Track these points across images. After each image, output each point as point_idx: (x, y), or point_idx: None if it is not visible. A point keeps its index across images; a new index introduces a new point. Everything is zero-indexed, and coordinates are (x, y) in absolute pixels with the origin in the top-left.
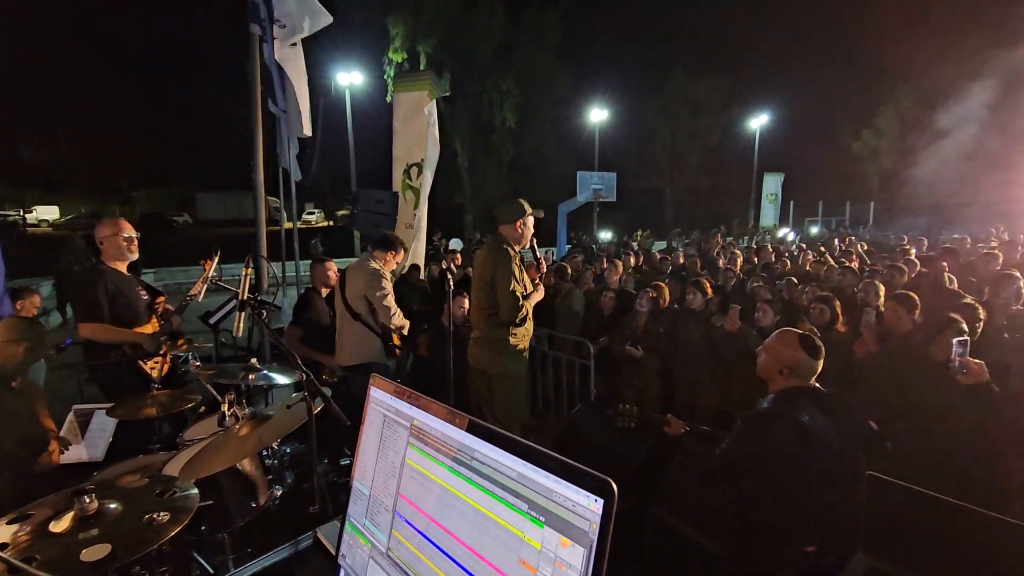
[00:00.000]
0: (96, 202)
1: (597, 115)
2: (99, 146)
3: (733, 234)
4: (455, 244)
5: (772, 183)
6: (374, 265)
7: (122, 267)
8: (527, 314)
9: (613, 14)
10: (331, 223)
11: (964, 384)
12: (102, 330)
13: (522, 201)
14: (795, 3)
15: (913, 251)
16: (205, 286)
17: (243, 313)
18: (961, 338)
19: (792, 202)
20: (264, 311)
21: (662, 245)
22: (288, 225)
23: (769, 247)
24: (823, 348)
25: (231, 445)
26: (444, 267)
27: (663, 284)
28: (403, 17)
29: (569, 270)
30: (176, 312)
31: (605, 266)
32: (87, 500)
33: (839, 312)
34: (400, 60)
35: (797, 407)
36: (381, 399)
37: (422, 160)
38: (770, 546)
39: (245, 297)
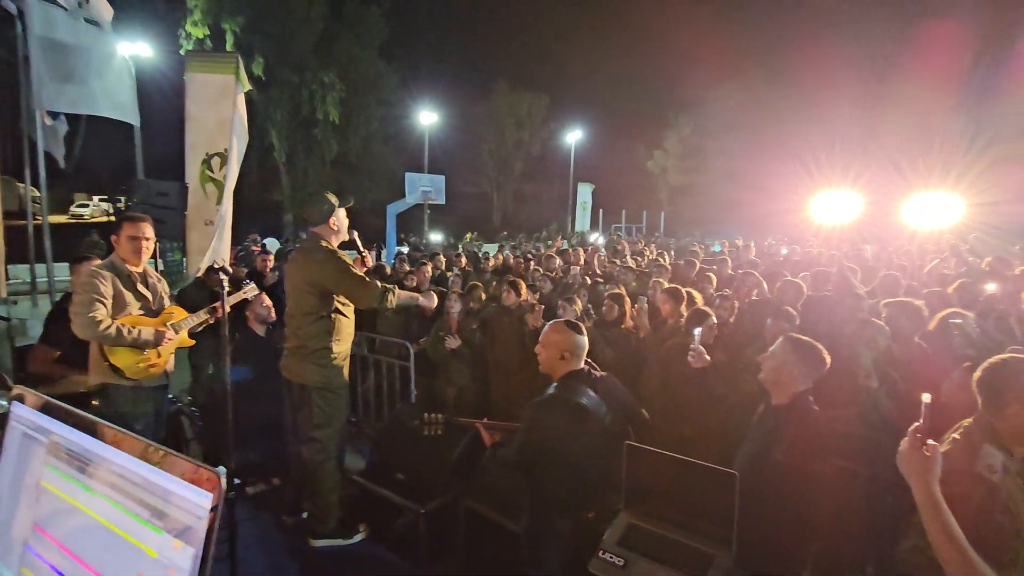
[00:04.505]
0: None
1: (427, 118)
2: None
3: (552, 238)
4: (271, 244)
5: (585, 192)
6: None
7: None
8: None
9: (439, 21)
10: (111, 218)
11: (695, 368)
12: None
13: (328, 195)
14: (601, 36)
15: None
16: None
17: None
18: (697, 328)
19: (601, 210)
20: None
21: (494, 248)
22: (39, 220)
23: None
24: (582, 325)
25: None
26: (218, 267)
27: (479, 284)
28: None
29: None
30: None
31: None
32: None
33: (627, 309)
34: (201, 36)
35: (576, 391)
36: (22, 415)
37: (225, 150)
38: (557, 518)
39: None
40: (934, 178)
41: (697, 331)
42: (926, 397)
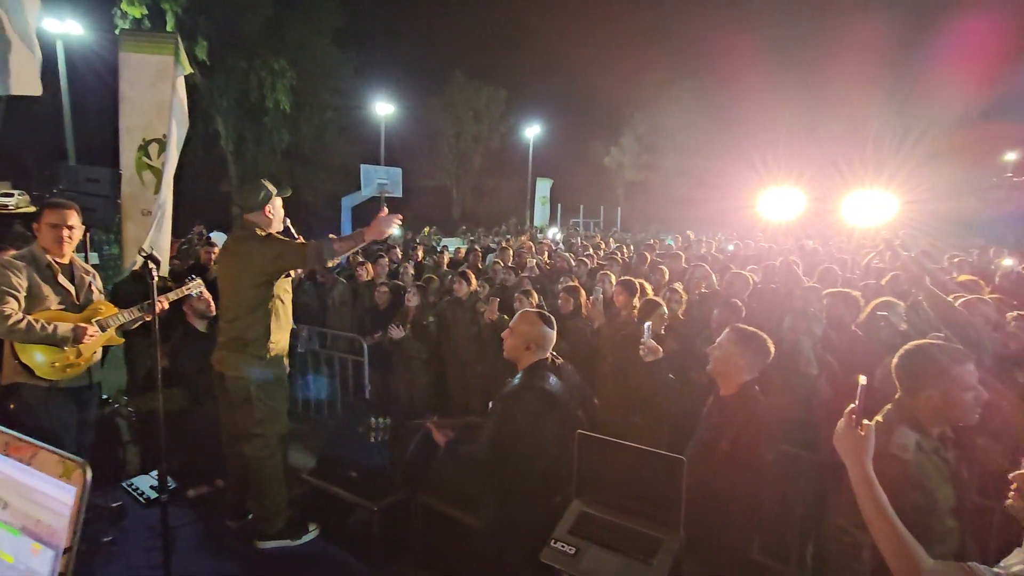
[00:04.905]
0: None
1: (383, 109)
2: None
3: (511, 232)
4: (218, 238)
5: (543, 187)
6: None
7: None
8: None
9: (394, 8)
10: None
11: (647, 361)
12: None
13: (265, 182)
14: (558, 33)
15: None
16: None
17: None
18: (647, 323)
19: (560, 205)
20: None
21: (456, 242)
22: None
23: (538, 245)
24: (553, 318)
25: None
26: (145, 254)
27: (435, 277)
28: None
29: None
30: None
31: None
32: None
33: (583, 302)
34: (139, 16)
35: (542, 378)
36: None
37: (164, 135)
38: (522, 508)
39: None
40: (869, 176)
41: (647, 325)
42: (862, 379)
